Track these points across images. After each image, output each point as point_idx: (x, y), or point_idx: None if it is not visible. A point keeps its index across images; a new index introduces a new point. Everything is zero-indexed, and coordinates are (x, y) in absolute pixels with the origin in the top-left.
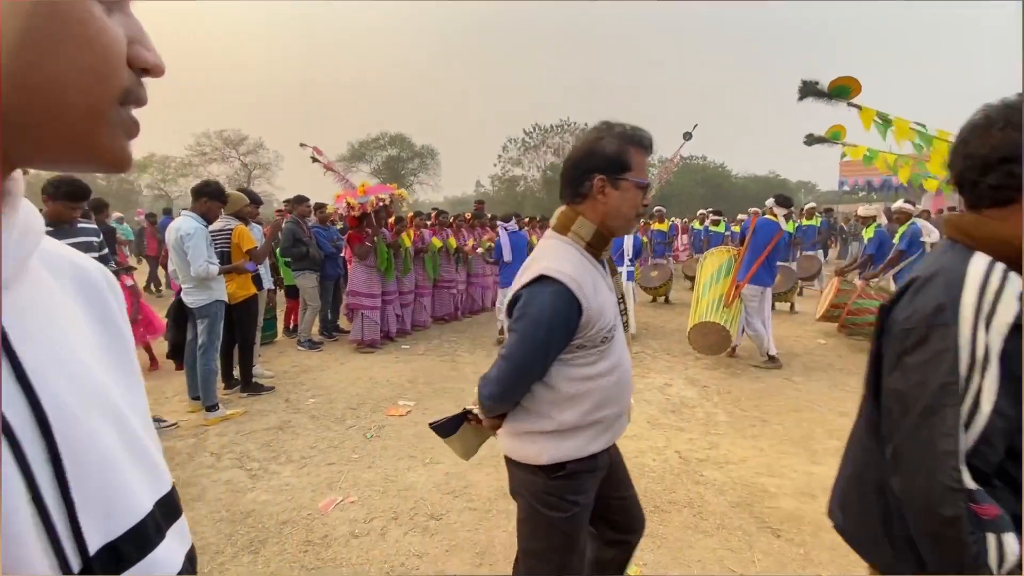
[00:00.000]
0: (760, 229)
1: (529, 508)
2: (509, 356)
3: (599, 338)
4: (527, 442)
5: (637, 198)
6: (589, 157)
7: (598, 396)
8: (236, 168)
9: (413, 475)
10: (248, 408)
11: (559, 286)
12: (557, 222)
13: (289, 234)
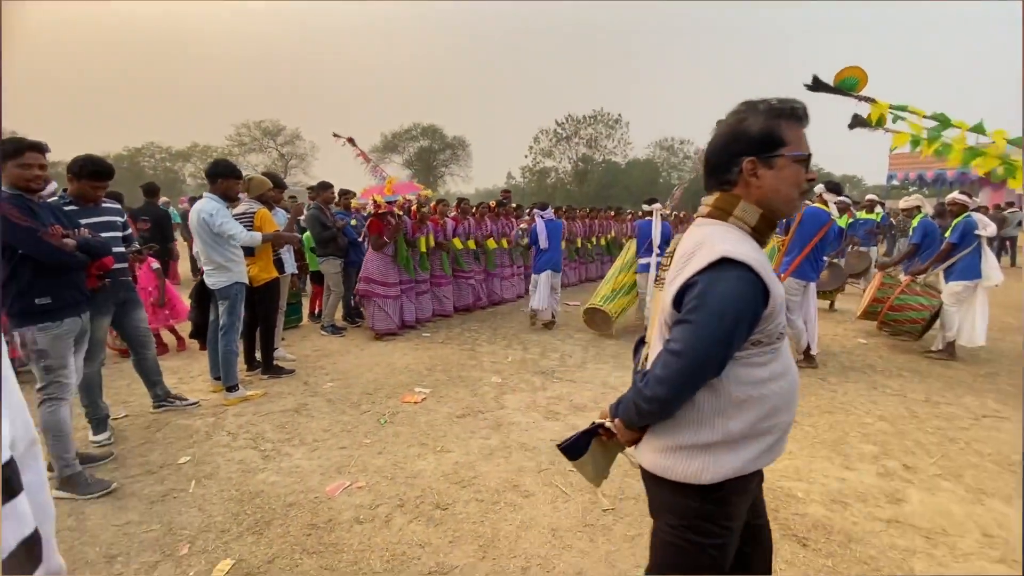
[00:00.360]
0: (808, 219)
1: (674, 532)
2: (684, 352)
3: (776, 333)
4: (683, 458)
5: (798, 174)
6: (734, 140)
7: (772, 402)
8: (274, 158)
9: (422, 463)
10: (268, 390)
11: (744, 270)
12: (713, 209)
13: (315, 221)
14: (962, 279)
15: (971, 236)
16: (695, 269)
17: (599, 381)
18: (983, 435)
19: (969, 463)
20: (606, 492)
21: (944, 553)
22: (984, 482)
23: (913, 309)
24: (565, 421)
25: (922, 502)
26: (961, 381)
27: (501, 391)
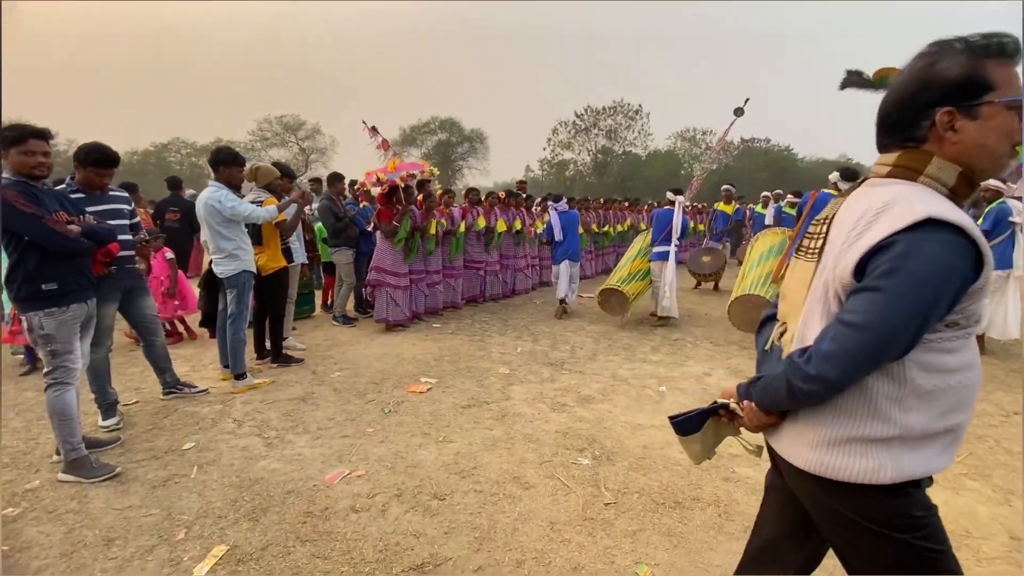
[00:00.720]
0: (820, 204)
1: (867, 530)
2: (867, 324)
3: (976, 316)
4: (851, 453)
5: (1010, 123)
6: (923, 88)
7: (957, 396)
8: (295, 152)
9: (424, 453)
10: (276, 378)
11: (955, 234)
12: (896, 168)
13: (327, 212)
14: (995, 269)
15: (1005, 223)
16: (893, 228)
17: (609, 373)
18: (1014, 432)
19: (998, 462)
20: (608, 486)
21: (967, 557)
22: (1014, 482)
23: None
24: (571, 413)
25: (946, 503)
26: (992, 376)
27: (508, 382)
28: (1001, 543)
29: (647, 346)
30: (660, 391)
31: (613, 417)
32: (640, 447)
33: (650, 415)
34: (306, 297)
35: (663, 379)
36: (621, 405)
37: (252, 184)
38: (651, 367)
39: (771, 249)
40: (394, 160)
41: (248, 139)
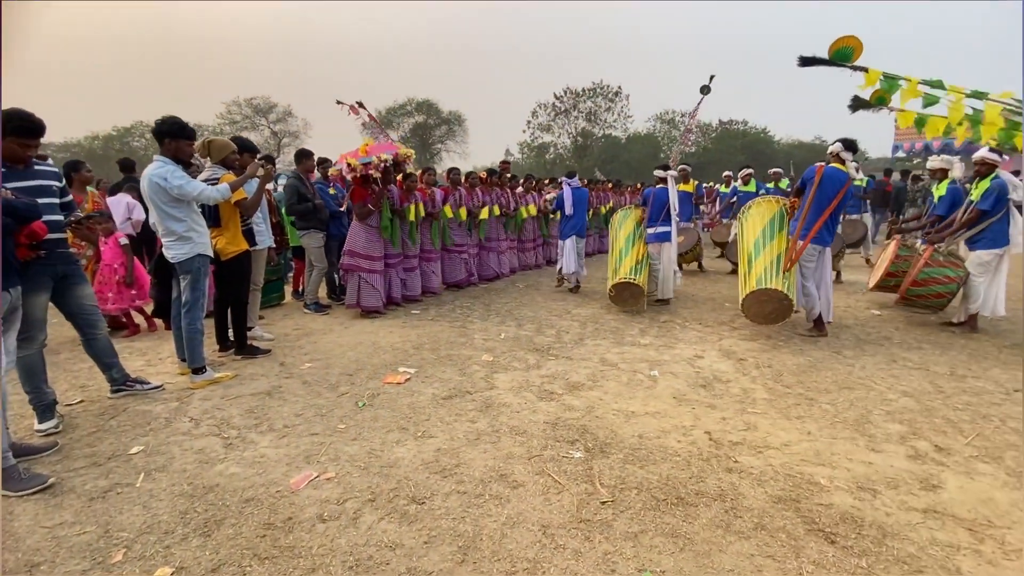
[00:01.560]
0: (828, 179)
1: None
2: None
3: None
4: None
5: None
6: None
7: None
8: (266, 136)
9: (401, 450)
10: (239, 371)
11: None
12: None
13: (292, 190)
14: (992, 247)
15: (1004, 201)
16: None
17: (597, 358)
18: (1018, 411)
19: (1008, 443)
20: (604, 481)
21: (992, 549)
22: None
23: (939, 283)
24: (560, 401)
25: (961, 488)
26: (987, 354)
27: (492, 370)
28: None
29: (635, 329)
30: (652, 376)
31: (604, 405)
32: (635, 436)
33: (643, 401)
34: (274, 284)
35: (654, 363)
36: (612, 392)
37: (206, 161)
38: (641, 351)
39: (771, 223)
40: (366, 142)
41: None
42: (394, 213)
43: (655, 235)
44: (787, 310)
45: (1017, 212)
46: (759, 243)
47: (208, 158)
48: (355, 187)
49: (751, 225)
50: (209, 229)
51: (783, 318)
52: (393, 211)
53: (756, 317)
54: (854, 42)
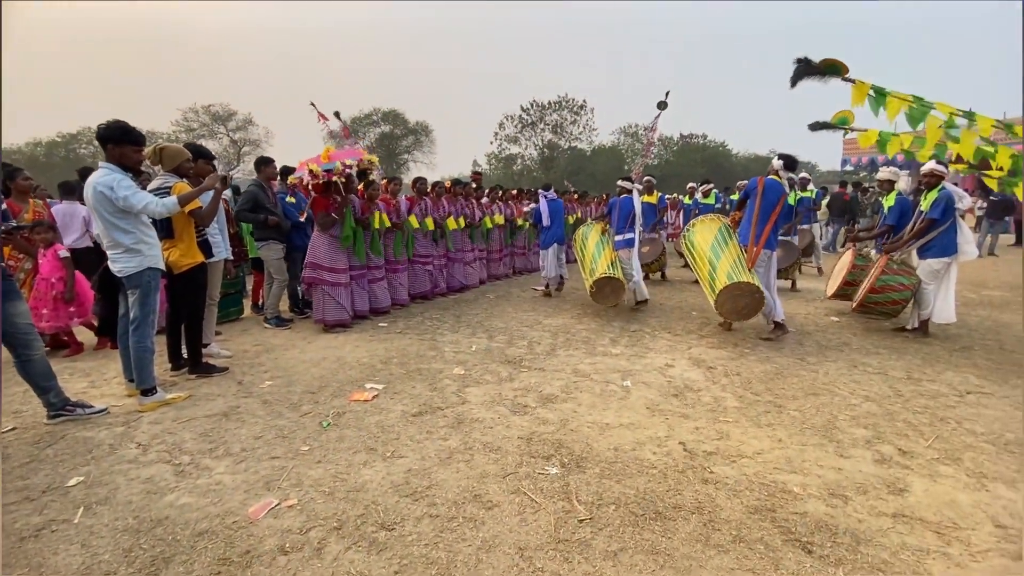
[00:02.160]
0: (769, 190)
1: None
2: None
3: None
4: None
5: None
6: None
7: None
8: (225, 145)
9: (369, 472)
10: (193, 392)
11: None
12: None
13: (250, 197)
14: (941, 255)
15: (951, 211)
16: None
17: (570, 369)
18: (972, 413)
19: (965, 444)
20: (581, 498)
21: (960, 551)
22: (984, 465)
23: (895, 290)
24: (534, 415)
25: (926, 491)
26: (939, 357)
27: (464, 384)
28: (989, 532)
29: (606, 338)
30: (624, 386)
31: (579, 417)
32: (611, 450)
33: (616, 412)
34: (233, 297)
35: (626, 372)
36: (586, 403)
37: (158, 168)
38: (612, 360)
39: (719, 236)
40: (328, 148)
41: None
42: (357, 222)
43: (623, 241)
44: (759, 304)
45: (963, 222)
46: (716, 248)
47: (160, 165)
48: (316, 197)
49: (701, 238)
50: (161, 241)
51: (755, 312)
52: (356, 220)
53: (730, 313)
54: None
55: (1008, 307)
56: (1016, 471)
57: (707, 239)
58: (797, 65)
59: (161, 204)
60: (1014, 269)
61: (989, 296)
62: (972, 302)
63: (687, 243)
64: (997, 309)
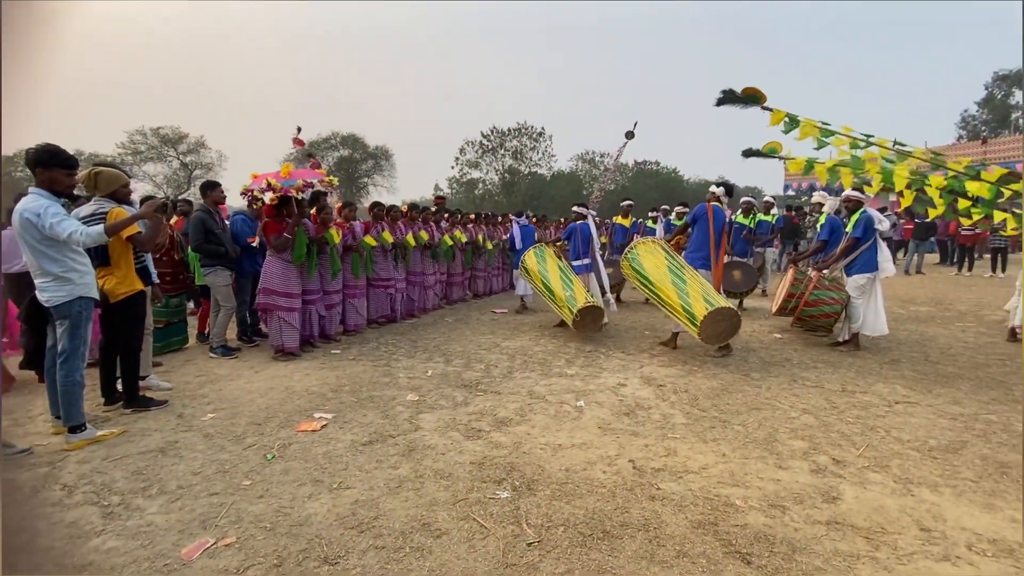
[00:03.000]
0: (716, 215)
1: None
2: None
3: None
4: None
5: None
6: None
7: None
8: (175, 168)
9: (313, 505)
10: (128, 427)
11: None
12: None
13: (199, 225)
14: (864, 272)
15: (871, 230)
16: None
17: (525, 391)
18: (899, 421)
19: (892, 451)
20: (531, 521)
21: (887, 555)
22: (909, 471)
23: (826, 304)
24: (488, 439)
25: (857, 498)
26: (870, 370)
27: (417, 410)
28: (914, 536)
29: (562, 359)
30: (578, 406)
31: (532, 439)
32: (562, 471)
33: (570, 433)
34: (177, 326)
35: (580, 393)
36: (540, 425)
37: (94, 193)
38: (567, 381)
39: (671, 260)
40: (287, 166)
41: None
42: (311, 241)
43: (582, 266)
44: (737, 326)
45: (883, 242)
46: (676, 274)
47: (95, 190)
48: (268, 220)
49: (651, 264)
50: (96, 268)
51: (733, 334)
52: (310, 239)
53: (710, 338)
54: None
55: (933, 321)
56: (938, 476)
57: (658, 265)
58: (722, 93)
59: (86, 234)
60: (939, 286)
61: (916, 311)
62: (901, 317)
63: (634, 269)
64: (923, 323)
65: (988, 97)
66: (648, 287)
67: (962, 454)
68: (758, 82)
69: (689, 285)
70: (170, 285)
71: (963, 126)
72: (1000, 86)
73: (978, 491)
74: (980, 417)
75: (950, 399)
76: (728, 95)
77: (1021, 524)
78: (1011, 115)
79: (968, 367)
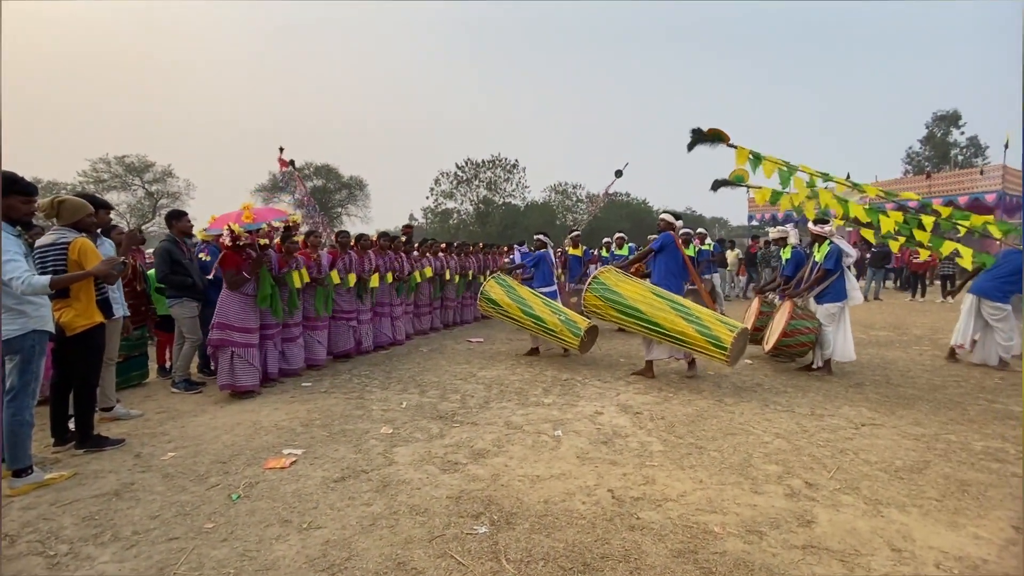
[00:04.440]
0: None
1: None
2: None
3: None
4: None
5: None
6: None
7: None
8: (139, 197)
9: (281, 547)
10: (80, 469)
11: None
12: None
13: (165, 256)
14: (835, 301)
15: (840, 261)
16: None
17: (502, 421)
18: (866, 443)
19: (862, 473)
20: (510, 556)
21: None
22: (878, 492)
23: (802, 333)
24: (465, 472)
25: (830, 521)
26: (837, 394)
27: (391, 443)
28: (886, 556)
29: (539, 388)
30: (556, 436)
31: (510, 471)
32: (541, 503)
33: (548, 464)
34: (137, 360)
35: (557, 422)
36: (517, 456)
37: (53, 222)
38: (545, 410)
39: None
40: (247, 205)
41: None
42: (276, 280)
43: (550, 293)
44: (747, 341)
45: (850, 272)
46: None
47: (55, 219)
48: (227, 253)
49: (633, 290)
50: (52, 300)
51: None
52: (275, 279)
53: (732, 358)
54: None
55: (892, 345)
56: (905, 496)
57: (642, 293)
58: (692, 134)
59: (29, 284)
60: (896, 311)
61: (876, 336)
62: (862, 342)
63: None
64: (883, 347)
65: (929, 135)
66: (634, 316)
67: (926, 474)
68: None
69: (695, 311)
70: (131, 317)
71: (908, 162)
72: (939, 125)
73: (942, 510)
74: (940, 437)
75: (912, 420)
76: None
77: (985, 541)
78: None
79: (926, 389)
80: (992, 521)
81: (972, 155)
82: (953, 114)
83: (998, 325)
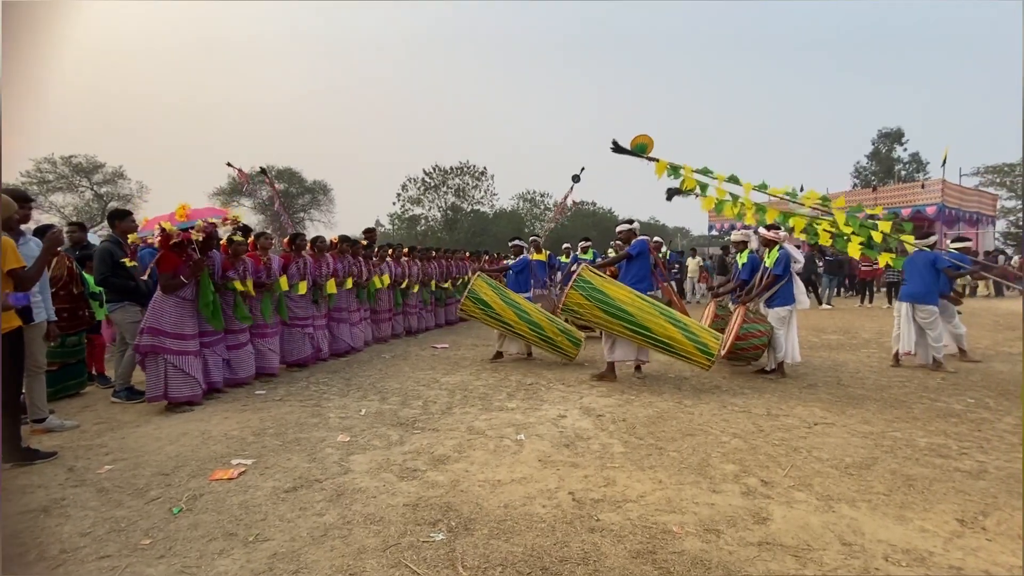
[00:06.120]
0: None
1: None
2: None
3: None
4: None
5: None
6: None
7: None
8: (88, 199)
9: (224, 562)
10: (6, 484)
11: None
12: None
13: (105, 257)
14: (784, 304)
15: (789, 266)
16: None
17: (465, 427)
18: (819, 442)
19: (814, 470)
20: (467, 563)
21: (813, 572)
22: (830, 488)
23: (755, 336)
24: (424, 478)
25: (784, 518)
26: (791, 394)
27: (348, 451)
28: (837, 551)
29: (503, 393)
30: (518, 440)
31: (470, 477)
32: (501, 507)
33: (509, 468)
34: (74, 367)
35: (520, 426)
36: (479, 461)
37: None
38: (508, 415)
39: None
40: (183, 206)
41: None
42: (216, 287)
43: (531, 298)
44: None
45: (798, 277)
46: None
47: None
48: (165, 253)
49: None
50: None
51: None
52: (216, 285)
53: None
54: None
55: (843, 348)
56: (855, 491)
57: (630, 296)
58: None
59: None
60: (846, 316)
61: (828, 340)
62: (815, 345)
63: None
64: (835, 351)
65: (875, 151)
66: (621, 319)
67: (874, 469)
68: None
69: (680, 316)
70: (67, 322)
71: (856, 175)
72: (884, 142)
73: (890, 504)
74: (887, 435)
75: (861, 419)
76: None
77: (931, 534)
78: (895, 167)
79: (874, 389)
80: (937, 515)
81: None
82: (897, 131)
83: (929, 328)
